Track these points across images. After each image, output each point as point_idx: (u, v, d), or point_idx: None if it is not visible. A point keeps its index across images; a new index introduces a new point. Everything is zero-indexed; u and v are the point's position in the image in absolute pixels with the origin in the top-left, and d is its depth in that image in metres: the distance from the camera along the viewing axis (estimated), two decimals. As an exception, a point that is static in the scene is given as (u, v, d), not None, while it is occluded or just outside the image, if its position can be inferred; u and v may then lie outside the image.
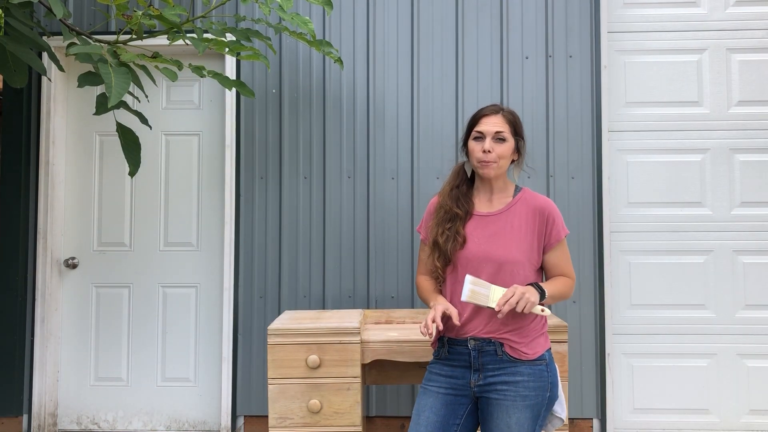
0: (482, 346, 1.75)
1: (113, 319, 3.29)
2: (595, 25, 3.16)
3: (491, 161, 1.79)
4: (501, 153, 1.80)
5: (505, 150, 1.81)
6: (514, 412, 1.70)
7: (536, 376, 1.74)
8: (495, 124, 1.80)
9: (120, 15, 2.28)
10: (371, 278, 3.14)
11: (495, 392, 1.73)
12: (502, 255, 1.77)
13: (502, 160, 1.81)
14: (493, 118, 1.82)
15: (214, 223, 3.28)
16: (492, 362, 1.74)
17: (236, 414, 3.14)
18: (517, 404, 1.71)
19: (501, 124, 1.81)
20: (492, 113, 1.83)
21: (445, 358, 1.81)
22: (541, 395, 1.73)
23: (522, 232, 1.81)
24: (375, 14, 3.21)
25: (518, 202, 1.85)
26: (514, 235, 1.80)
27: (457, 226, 1.82)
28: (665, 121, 3.21)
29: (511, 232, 1.80)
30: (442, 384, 1.79)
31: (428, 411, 1.77)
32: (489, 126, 1.80)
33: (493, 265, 1.76)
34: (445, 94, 3.17)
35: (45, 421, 3.17)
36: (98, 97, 2.33)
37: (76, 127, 3.34)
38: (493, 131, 1.80)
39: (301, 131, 3.21)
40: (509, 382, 1.72)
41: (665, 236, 3.17)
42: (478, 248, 1.79)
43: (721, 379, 3.13)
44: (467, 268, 1.78)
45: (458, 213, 1.83)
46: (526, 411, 1.71)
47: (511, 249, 1.78)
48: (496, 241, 1.79)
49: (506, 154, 1.82)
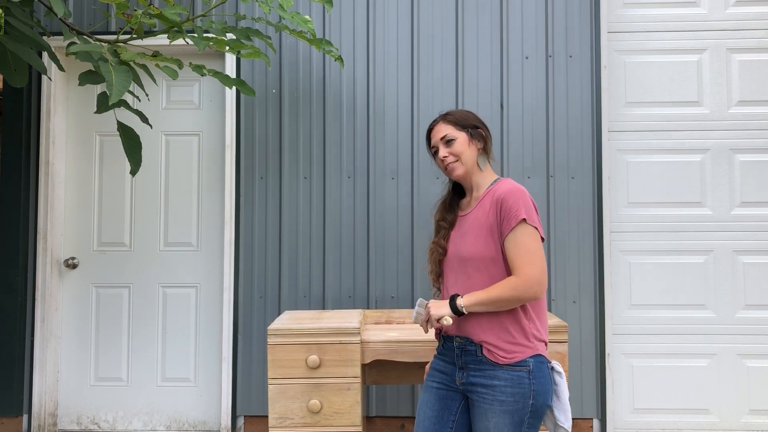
0: (465, 345, 1.75)
1: (113, 319, 3.28)
2: (595, 25, 3.16)
3: (451, 162, 1.83)
4: (456, 151, 1.82)
5: (458, 146, 1.82)
6: (492, 416, 1.69)
7: (514, 381, 1.69)
8: (438, 132, 1.86)
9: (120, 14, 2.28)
10: (371, 278, 3.14)
11: (475, 393, 1.73)
12: (466, 252, 1.77)
13: (463, 155, 1.82)
14: (436, 128, 1.88)
15: (214, 223, 3.28)
16: (473, 362, 1.74)
17: (236, 414, 3.13)
18: (494, 408, 1.68)
19: (443, 129, 1.85)
20: (435, 124, 1.89)
21: (441, 353, 1.85)
22: (521, 402, 1.68)
23: (483, 225, 1.75)
24: (375, 14, 3.21)
25: (486, 195, 1.80)
26: (478, 231, 1.76)
27: (440, 238, 1.87)
28: (665, 121, 3.21)
29: (476, 228, 1.77)
30: (436, 379, 1.83)
31: (425, 406, 1.82)
32: (435, 137, 1.88)
33: (460, 264, 1.78)
34: (445, 94, 3.17)
35: (45, 421, 3.16)
36: (99, 95, 2.34)
37: (76, 126, 3.34)
38: (439, 139, 1.85)
39: (301, 131, 3.21)
40: (486, 385, 1.70)
41: (665, 236, 3.17)
42: (453, 249, 1.82)
43: (721, 379, 3.13)
44: (449, 271, 1.84)
45: (443, 225, 1.89)
46: (505, 416, 1.68)
47: (472, 245, 1.75)
48: (464, 239, 1.79)
49: (461, 149, 1.82)
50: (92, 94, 3.31)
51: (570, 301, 3.09)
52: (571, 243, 3.11)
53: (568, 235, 3.11)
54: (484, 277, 1.73)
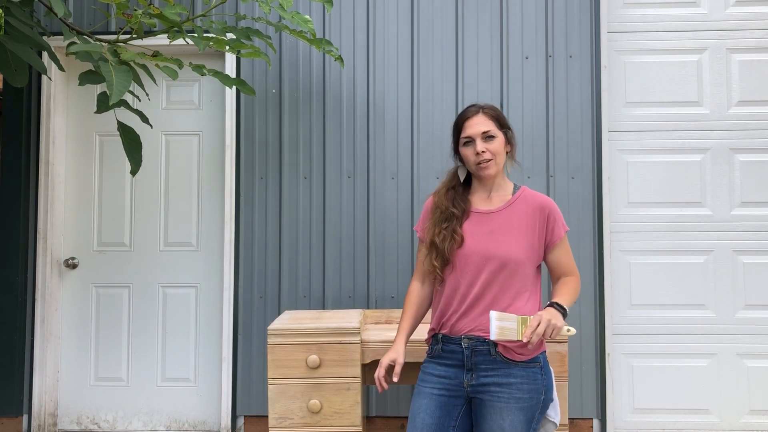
0: (476, 345, 1.73)
1: (113, 319, 3.28)
2: (595, 25, 3.16)
3: (488, 159, 1.79)
4: (495, 150, 1.80)
5: (497, 146, 1.81)
6: (507, 414, 1.69)
7: (530, 378, 1.72)
8: (479, 124, 1.80)
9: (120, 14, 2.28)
10: (371, 278, 3.14)
11: (488, 393, 1.71)
12: (504, 253, 1.75)
13: (498, 156, 1.81)
14: (475, 119, 1.82)
15: (214, 223, 3.28)
16: (485, 362, 1.72)
17: (236, 414, 3.13)
18: (510, 406, 1.69)
19: (485, 123, 1.81)
20: (473, 114, 1.83)
21: (439, 356, 1.80)
22: (535, 398, 1.71)
23: (522, 230, 1.80)
24: (375, 14, 3.21)
25: (518, 200, 1.84)
26: (515, 233, 1.79)
27: (454, 226, 1.81)
28: (665, 121, 3.21)
29: (511, 229, 1.80)
30: (436, 385, 1.77)
31: (423, 413, 1.75)
32: (474, 128, 1.81)
33: (496, 263, 1.75)
34: (445, 94, 3.17)
35: (45, 421, 3.16)
36: (99, 95, 2.34)
37: (76, 126, 3.34)
38: (480, 132, 1.80)
39: (301, 131, 3.21)
40: (502, 384, 1.70)
41: (665, 236, 3.17)
42: (478, 245, 1.78)
43: (721, 379, 3.13)
44: (466, 266, 1.77)
45: (455, 212, 1.83)
46: (520, 413, 1.69)
47: (513, 247, 1.77)
48: (496, 238, 1.78)
49: (500, 150, 1.82)
50: (92, 94, 3.31)
51: (570, 301, 3.09)
52: (571, 243, 3.08)
53: (568, 235, 3.09)
54: (521, 276, 1.76)
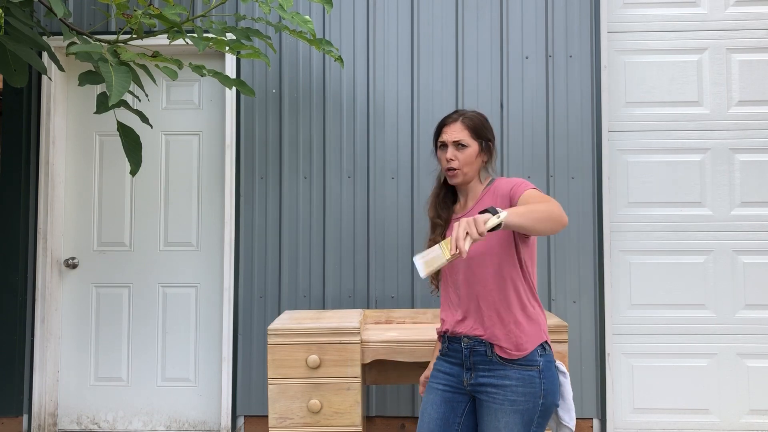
0: (474, 345, 1.75)
1: (113, 319, 3.28)
2: (595, 25, 3.16)
3: (456, 168, 1.81)
4: (464, 160, 1.80)
5: (467, 156, 1.81)
6: (502, 416, 1.69)
7: (526, 381, 1.70)
8: (453, 132, 1.82)
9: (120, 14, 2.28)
10: (371, 278, 3.14)
11: (485, 394, 1.72)
12: (478, 250, 1.73)
13: (467, 166, 1.81)
14: (453, 126, 1.83)
15: (214, 223, 3.28)
16: (482, 362, 1.73)
17: (236, 414, 3.13)
18: (505, 408, 1.69)
19: (459, 132, 1.81)
20: (452, 121, 1.84)
21: (446, 354, 1.84)
22: (532, 401, 1.70)
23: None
24: (375, 14, 3.21)
25: (487, 194, 1.82)
26: None
27: (437, 236, 1.86)
28: (665, 121, 3.21)
29: None
30: (441, 381, 1.81)
31: (430, 408, 1.80)
32: (448, 135, 1.83)
33: (474, 263, 1.75)
34: (445, 94, 3.17)
35: (45, 421, 3.16)
36: (99, 96, 2.33)
37: (76, 126, 3.34)
38: (452, 140, 1.81)
39: (301, 131, 3.21)
40: (497, 385, 1.71)
41: (665, 236, 3.17)
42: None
43: (721, 379, 3.13)
44: (451, 271, 1.82)
45: (438, 222, 1.88)
46: (515, 416, 1.69)
47: (484, 241, 1.72)
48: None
49: (470, 161, 1.81)
50: (92, 94, 3.31)
51: (570, 301, 3.09)
52: (572, 243, 3.11)
53: (568, 235, 3.11)
54: (495, 268, 1.73)
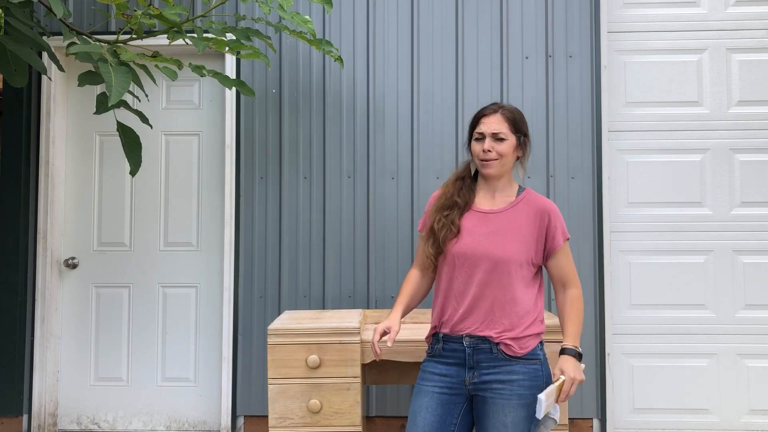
0: (477, 344, 1.76)
1: (113, 319, 3.28)
2: (595, 25, 3.16)
3: (492, 159, 1.81)
4: (501, 151, 1.81)
5: (505, 148, 1.82)
6: (509, 411, 1.71)
7: (531, 374, 1.75)
8: (492, 124, 1.82)
9: (120, 14, 2.28)
10: (371, 278, 3.14)
11: (490, 391, 1.73)
12: (501, 253, 1.77)
13: (504, 158, 1.82)
14: (491, 117, 1.84)
15: (214, 223, 3.28)
16: (487, 360, 1.75)
17: (236, 414, 3.13)
18: (513, 403, 1.71)
19: (498, 124, 1.82)
20: (491, 113, 1.85)
21: (440, 355, 1.82)
22: (537, 394, 1.73)
23: (523, 232, 1.81)
24: (375, 14, 3.21)
25: (521, 202, 1.85)
26: (516, 235, 1.80)
27: (454, 216, 1.83)
28: (665, 121, 3.21)
29: (512, 231, 1.81)
30: (437, 383, 1.79)
31: (424, 412, 1.77)
32: (487, 126, 1.83)
33: (490, 263, 1.77)
34: (445, 94, 3.17)
35: (45, 421, 3.16)
36: (98, 96, 2.33)
37: (76, 126, 3.34)
38: (491, 132, 1.81)
39: (301, 131, 3.21)
40: (504, 381, 1.73)
41: (665, 236, 3.17)
42: (476, 245, 1.79)
43: (721, 379, 3.13)
44: (463, 264, 1.79)
45: (457, 201, 1.86)
46: (522, 410, 1.72)
47: (511, 248, 1.78)
48: (495, 239, 1.79)
49: (507, 152, 1.82)
50: (92, 94, 3.30)
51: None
52: (571, 243, 3.07)
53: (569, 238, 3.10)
54: (518, 278, 1.77)
